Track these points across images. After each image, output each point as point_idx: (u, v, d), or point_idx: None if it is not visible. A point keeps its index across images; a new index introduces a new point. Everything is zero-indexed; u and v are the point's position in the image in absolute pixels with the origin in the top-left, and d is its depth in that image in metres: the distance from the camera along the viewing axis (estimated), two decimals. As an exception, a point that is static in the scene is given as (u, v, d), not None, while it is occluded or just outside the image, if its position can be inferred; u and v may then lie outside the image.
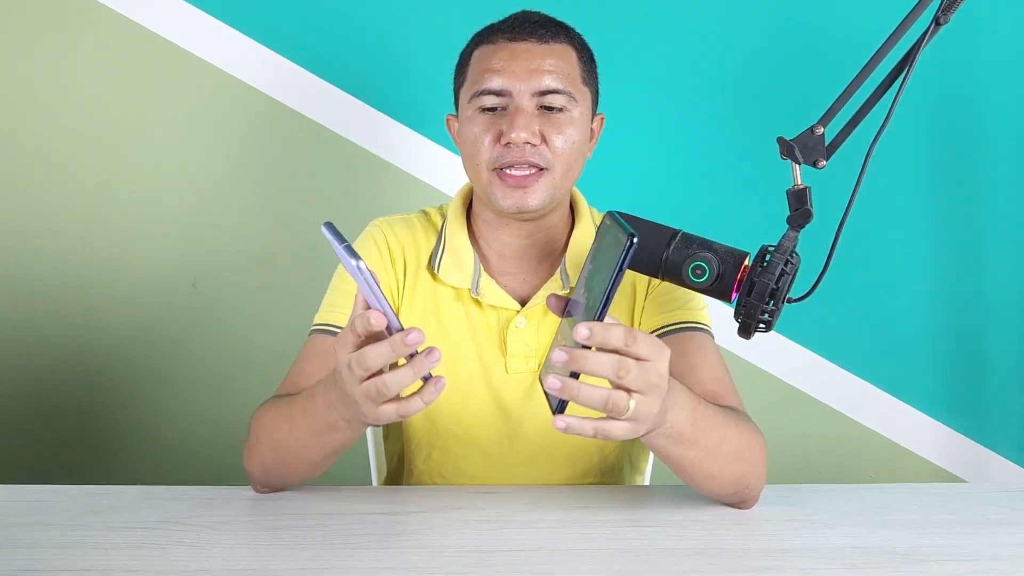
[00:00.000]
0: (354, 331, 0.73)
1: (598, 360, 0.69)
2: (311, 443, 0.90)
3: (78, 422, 1.72)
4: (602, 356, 0.69)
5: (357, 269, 0.69)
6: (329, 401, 0.84)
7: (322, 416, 0.86)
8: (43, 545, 0.83)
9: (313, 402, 0.87)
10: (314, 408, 0.87)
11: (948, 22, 0.86)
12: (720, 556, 0.81)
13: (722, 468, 0.88)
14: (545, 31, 1.03)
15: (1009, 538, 0.87)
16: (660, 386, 0.72)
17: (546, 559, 0.80)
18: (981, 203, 1.76)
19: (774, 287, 0.84)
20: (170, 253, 1.70)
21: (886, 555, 0.82)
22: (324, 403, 0.85)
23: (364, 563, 0.79)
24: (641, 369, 0.70)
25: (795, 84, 1.71)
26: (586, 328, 0.68)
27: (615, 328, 0.69)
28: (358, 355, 0.73)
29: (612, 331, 0.68)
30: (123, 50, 1.67)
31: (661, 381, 0.72)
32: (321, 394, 0.85)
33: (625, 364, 0.69)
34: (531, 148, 1.00)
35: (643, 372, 0.70)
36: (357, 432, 0.88)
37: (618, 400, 0.71)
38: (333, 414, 0.84)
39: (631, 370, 0.70)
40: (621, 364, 0.69)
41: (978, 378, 1.78)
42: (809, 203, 0.86)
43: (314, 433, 0.89)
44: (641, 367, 0.70)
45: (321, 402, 0.85)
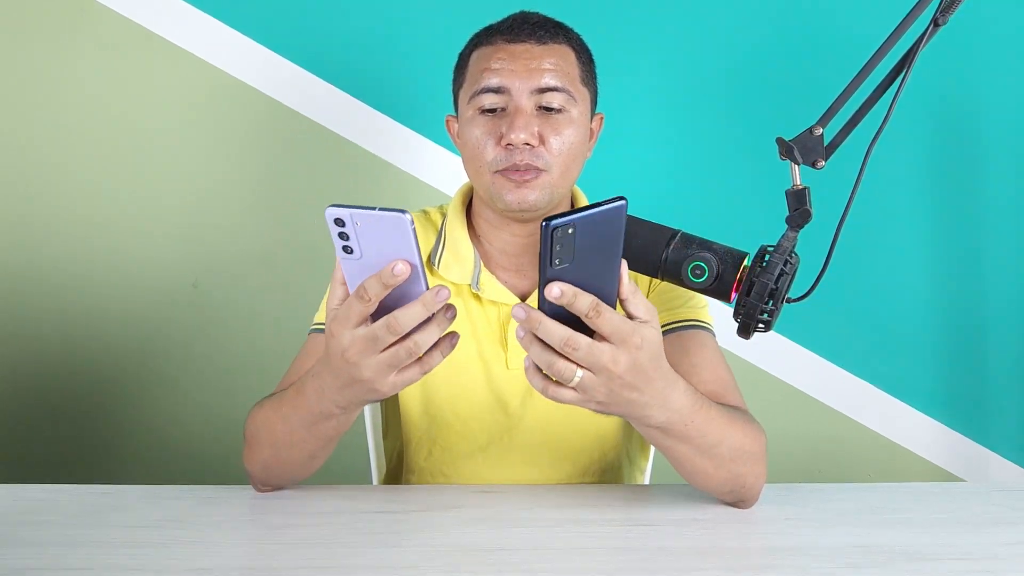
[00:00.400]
0: (364, 297, 0.71)
1: (550, 327, 0.70)
2: (306, 435, 0.90)
3: (79, 421, 1.72)
4: (554, 324, 0.70)
5: (408, 220, 0.68)
6: (320, 389, 0.83)
7: (314, 406, 0.85)
8: (45, 544, 0.83)
9: (303, 395, 0.87)
10: (304, 400, 0.86)
11: (947, 23, 0.86)
12: (720, 555, 0.82)
13: (717, 466, 0.88)
14: (544, 32, 1.04)
15: (1008, 537, 0.88)
16: (610, 371, 0.72)
17: (546, 557, 0.80)
18: (980, 203, 1.76)
19: (773, 287, 0.84)
20: (171, 253, 1.71)
21: (885, 554, 0.82)
22: (315, 392, 0.84)
23: (365, 561, 0.79)
24: (592, 348, 0.71)
25: (794, 85, 1.71)
26: (558, 288, 0.68)
27: (584, 296, 0.69)
28: (390, 319, 0.72)
29: (581, 297, 0.69)
30: (123, 50, 1.68)
31: (614, 367, 0.72)
32: (311, 384, 0.85)
33: (575, 340, 0.70)
34: (529, 150, 1.00)
35: (593, 352, 0.71)
36: (351, 416, 0.87)
37: (561, 369, 0.71)
38: (325, 402, 0.83)
39: (580, 347, 0.70)
40: (571, 339, 0.70)
41: (977, 378, 1.78)
42: (808, 203, 0.86)
43: (307, 424, 0.88)
44: (594, 347, 0.71)
45: (311, 392, 0.85)
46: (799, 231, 0.87)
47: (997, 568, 0.80)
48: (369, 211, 0.69)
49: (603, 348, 0.71)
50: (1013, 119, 1.75)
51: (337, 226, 0.69)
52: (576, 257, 0.68)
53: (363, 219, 0.69)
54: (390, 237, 0.70)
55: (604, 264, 0.70)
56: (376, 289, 0.71)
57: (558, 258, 0.68)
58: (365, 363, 0.75)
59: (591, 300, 0.69)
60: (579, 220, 0.66)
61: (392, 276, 0.70)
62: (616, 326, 0.71)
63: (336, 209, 0.69)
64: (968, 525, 0.91)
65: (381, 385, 0.77)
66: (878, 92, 0.89)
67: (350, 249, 0.71)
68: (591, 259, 0.69)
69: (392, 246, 0.70)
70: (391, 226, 0.69)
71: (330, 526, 0.88)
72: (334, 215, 0.69)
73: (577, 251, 0.68)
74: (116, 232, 1.70)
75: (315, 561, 0.79)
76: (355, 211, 0.69)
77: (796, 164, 0.88)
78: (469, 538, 0.85)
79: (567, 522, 0.90)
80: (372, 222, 0.69)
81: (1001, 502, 0.99)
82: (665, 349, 1.03)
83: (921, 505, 0.97)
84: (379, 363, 0.75)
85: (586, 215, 0.66)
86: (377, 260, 0.71)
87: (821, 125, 0.87)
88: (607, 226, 0.68)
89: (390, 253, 0.70)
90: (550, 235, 0.66)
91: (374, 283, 0.71)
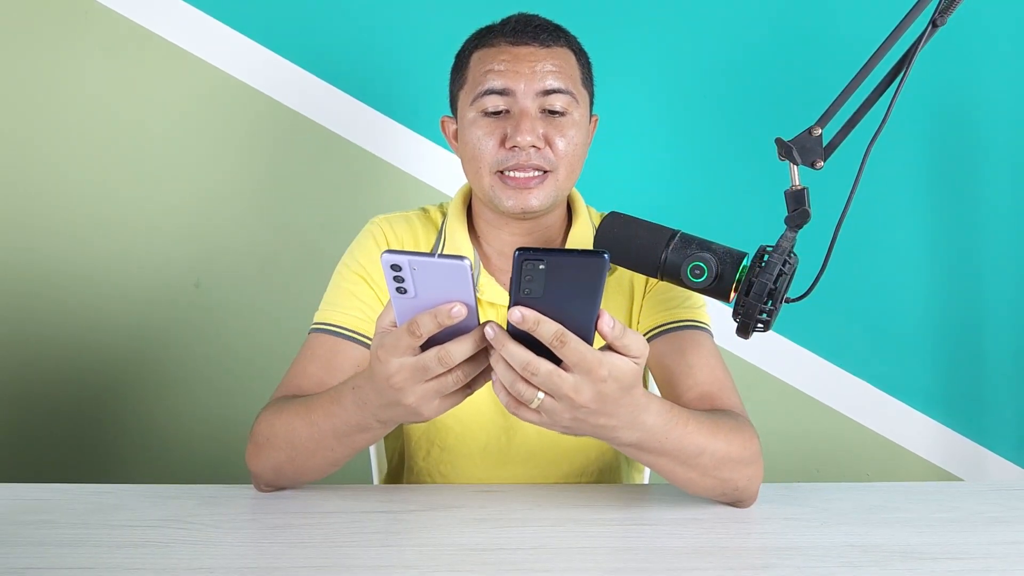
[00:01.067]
0: (416, 333, 0.72)
1: (512, 350, 0.70)
2: (335, 444, 0.89)
3: (81, 421, 1.72)
4: (516, 347, 0.70)
5: (467, 267, 0.68)
6: (362, 403, 0.83)
7: (352, 418, 0.85)
8: (48, 543, 0.83)
9: (340, 404, 0.86)
10: (341, 410, 0.86)
11: (945, 24, 0.86)
12: (718, 554, 0.82)
13: (702, 475, 0.88)
14: (546, 35, 1.04)
15: (1005, 536, 0.88)
16: (573, 399, 0.72)
17: (545, 557, 0.80)
18: (978, 204, 1.77)
19: (772, 287, 0.84)
20: (172, 253, 1.71)
21: (883, 553, 0.82)
22: (355, 405, 0.84)
23: (365, 561, 0.79)
24: (552, 376, 0.71)
25: (793, 86, 1.71)
26: (519, 312, 0.69)
27: (547, 324, 0.69)
28: (441, 352, 0.72)
29: (544, 325, 0.69)
30: (125, 51, 1.68)
31: (576, 396, 0.72)
32: (350, 396, 0.84)
33: (534, 365, 0.70)
34: (535, 152, 1.01)
35: (552, 378, 0.71)
36: (387, 431, 0.88)
37: (521, 389, 0.72)
38: (367, 416, 0.83)
39: (539, 372, 0.70)
40: (530, 363, 0.70)
41: (975, 377, 1.79)
42: (807, 204, 0.86)
43: (339, 435, 0.88)
44: (554, 374, 0.71)
45: (350, 404, 0.84)
46: (798, 231, 0.87)
47: (994, 567, 0.80)
48: (428, 259, 0.68)
49: (564, 377, 0.71)
50: (1011, 120, 1.75)
51: (393, 271, 0.69)
52: (546, 292, 0.68)
53: (420, 266, 0.69)
54: (447, 281, 0.70)
55: (579, 305, 0.69)
56: (429, 327, 0.71)
57: (527, 288, 0.68)
58: (411, 390, 0.76)
59: (555, 329, 0.69)
60: (551, 259, 0.66)
61: (449, 317, 0.70)
62: (581, 356, 0.70)
63: (392, 256, 0.68)
64: (966, 524, 0.91)
65: (425, 410, 0.77)
66: (877, 93, 0.89)
67: (404, 290, 0.71)
68: (562, 297, 0.69)
69: (448, 288, 0.70)
70: (450, 272, 0.69)
71: (330, 526, 0.88)
72: (390, 261, 0.69)
73: (548, 286, 0.68)
74: (118, 232, 1.70)
75: (315, 560, 0.79)
76: (413, 258, 0.68)
77: (795, 165, 0.88)
78: (469, 538, 0.85)
79: (567, 522, 0.90)
80: (430, 269, 0.69)
81: (999, 501, 0.99)
82: (662, 349, 1.05)
83: (919, 504, 0.98)
84: (425, 391, 0.76)
85: (559, 257, 0.66)
86: (431, 299, 0.71)
87: (820, 126, 0.87)
88: (583, 272, 0.67)
89: (445, 295, 0.71)
90: (520, 266, 0.67)
91: (428, 321, 0.71)
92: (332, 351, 1.04)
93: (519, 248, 0.66)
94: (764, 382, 1.76)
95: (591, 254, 0.67)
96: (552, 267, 0.67)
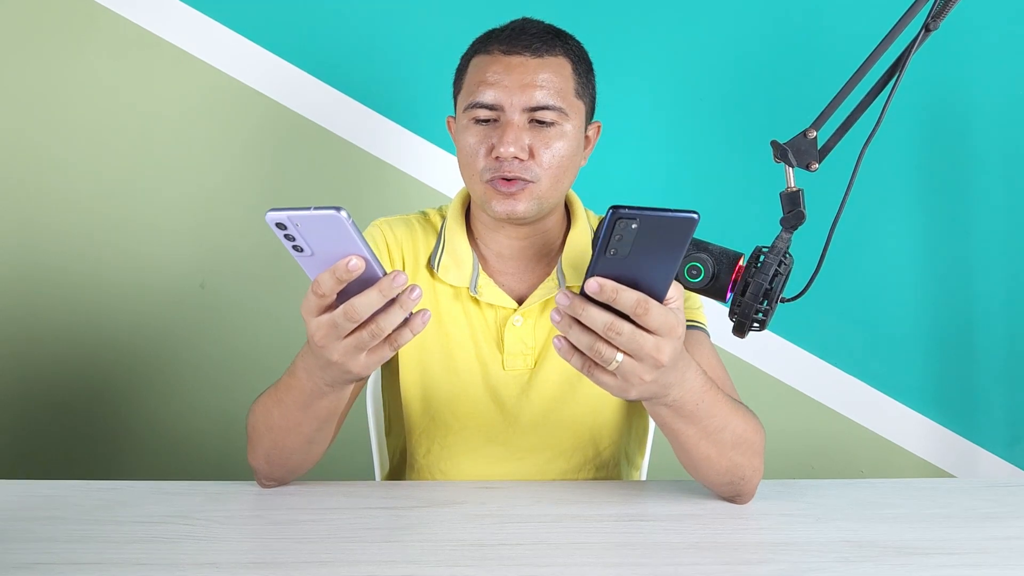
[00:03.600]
0: (318, 293, 0.72)
1: (592, 313, 0.70)
2: (302, 417, 0.90)
3: (89, 419, 1.73)
4: (597, 311, 0.70)
5: (344, 218, 0.67)
6: (308, 369, 0.84)
7: (305, 385, 0.86)
8: (56, 539, 0.83)
9: (294, 376, 0.87)
10: (296, 381, 0.87)
11: (938, 28, 0.86)
12: (716, 549, 0.82)
13: (720, 453, 0.89)
14: (541, 44, 1.03)
15: (997, 532, 0.88)
16: (656, 358, 0.72)
17: (545, 552, 0.81)
18: (970, 205, 1.77)
19: (768, 287, 0.84)
20: (178, 254, 1.71)
21: (877, 548, 0.83)
22: (304, 372, 0.85)
23: (368, 556, 0.79)
24: (635, 336, 0.71)
25: (788, 89, 1.71)
26: (597, 283, 0.68)
27: (627, 292, 0.69)
28: (347, 307, 0.72)
29: (624, 294, 0.69)
30: (130, 54, 1.68)
31: (659, 355, 0.72)
32: (300, 364, 0.86)
33: (617, 325, 0.70)
34: (519, 163, 1.01)
35: (636, 339, 0.71)
36: (343, 394, 0.87)
37: (602, 350, 0.72)
38: (316, 380, 0.84)
39: (623, 332, 0.70)
40: (613, 324, 0.70)
41: (967, 376, 1.79)
42: (802, 205, 0.87)
43: (302, 405, 0.89)
44: (637, 334, 0.71)
45: (301, 372, 0.86)
46: (793, 232, 0.87)
47: (986, 562, 0.80)
48: (304, 212, 0.67)
49: (647, 337, 0.71)
50: (1002, 122, 1.75)
51: (280, 229, 0.69)
52: (632, 251, 0.67)
53: (301, 220, 0.68)
54: (333, 234, 0.69)
55: (660, 264, 0.69)
56: (329, 283, 0.71)
57: (614, 247, 0.67)
58: (332, 347, 0.76)
59: (636, 297, 0.69)
60: (644, 217, 0.65)
61: (347, 271, 0.70)
62: (663, 319, 0.71)
63: (275, 213, 0.68)
64: (958, 520, 0.91)
65: (353, 366, 0.77)
66: (871, 96, 0.89)
67: (300, 248, 0.70)
68: (647, 258, 0.68)
69: (338, 242, 0.69)
70: (329, 224, 0.68)
71: (333, 521, 0.88)
72: (274, 220, 0.68)
73: (635, 246, 0.67)
74: (124, 233, 1.70)
75: (318, 556, 0.79)
76: (292, 213, 0.68)
77: (790, 167, 0.88)
78: (469, 533, 0.85)
79: (566, 518, 0.90)
80: (310, 222, 0.68)
81: (990, 497, 0.99)
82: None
83: (912, 500, 0.98)
84: (345, 347, 0.75)
85: (653, 215, 0.65)
86: (328, 255, 0.71)
87: (815, 128, 0.87)
88: (672, 231, 0.66)
89: (339, 249, 0.70)
90: (612, 224, 0.65)
91: (327, 278, 0.71)
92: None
93: (612, 206, 0.65)
94: (760, 380, 1.76)
95: (683, 213, 0.66)
96: (645, 225, 0.66)
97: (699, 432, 0.86)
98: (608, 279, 0.69)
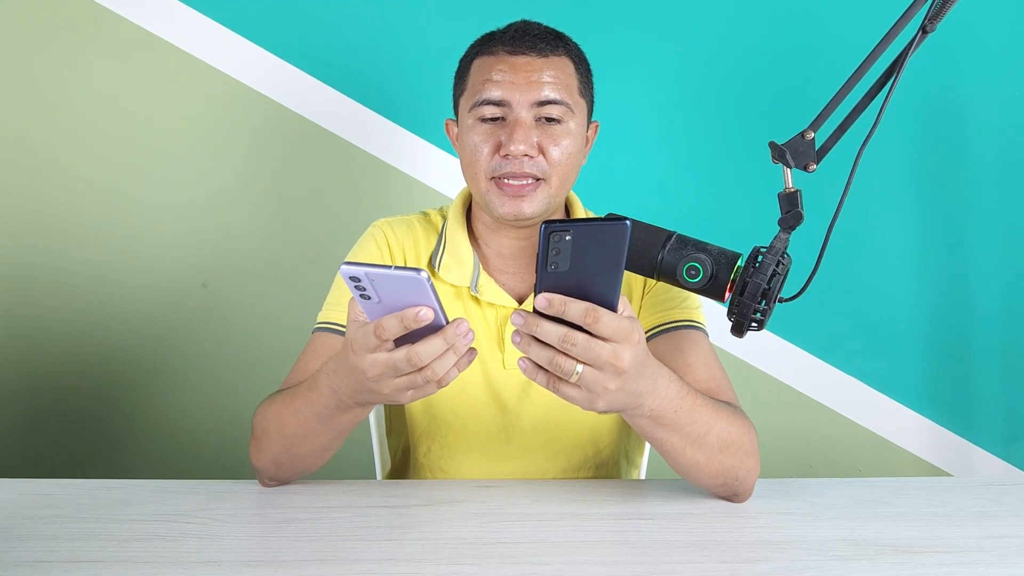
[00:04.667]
0: (382, 336, 0.73)
1: (546, 328, 0.71)
2: (320, 428, 0.91)
3: (91, 418, 1.73)
4: (551, 324, 0.71)
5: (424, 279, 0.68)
6: (336, 388, 0.84)
7: (328, 401, 0.87)
8: (59, 537, 0.83)
9: (316, 391, 0.88)
10: (318, 396, 0.88)
11: (935, 30, 0.86)
12: (714, 548, 0.82)
13: (708, 457, 0.88)
14: (545, 44, 1.03)
15: (993, 530, 0.88)
16: (615, 365, 0.72)
17: (545, 551, 0.80)
18: (966, 205, 1.76)
19: (766, 287, 0.84)
20: (180, 254, 1.71)
21: (875, 547, 0.82)
22: (329, 390, 0.86)
23: (368, 554, 0.79)
24: (591, 345, 0.71)
25: (786, 91, 1.71)
26: (545, 299, 0.70)
27: (575, 303, 0.70)
28: (411, 353, 0.73)
29: (572, 306, 0.70)
30: (134, 56, 1.68)
31: (618, 362, 0.72)
32: (324, 382, 0.86)
33: (572, 336, 0.71)
34: (528, 160, 1.01)
35: (592, 347, 0.71)
36: (368, 410, 0.89)
37: (560, 363, 0.72)
38: (342, 398, 0.85)
39: (577, 343, 0.71)
40: (567, 336, 0.71)
41: (963, 375, 1.79)
42: (800, 206, 0.86)
43: (322, 418, 0.89)
44: (592, 343, 0.71)
45: (326, 389, 0.86)
46: (791, 233, 0.87)
47: (982, 560, 0.80)
48: (384, 271, 0.68)
49: (603, 345, 0.71)
50: (998, 123, 1.75)
51: (353, 282, 0.70)
52: (572, 263, 0.68)
53: (378, 278, 0.69)
54: (407, 291, 0.70)
55: (604, 273, 0.69)
56: (395, 329, 0.72)
57: (554, 261, 0.68)
58: (385, 383, 0.77)
59: (584, 307, 0.70)
60: (576, 229, 0.67)
61: (415, 321, 0.71)
62: (615, 327, 0.71)
63: (350, 268, 0.68)
64: (955, 518, 0.91)
65: (400, 398, 0.79)
66: (868, 97, 0.89)
67: (367, 296, 0.71)
68: (588, 268, 0.69)
69: (410, 297, 0.70)
70: (407, 284, 0.69)
71: (334, 520, 0.88)
72: (348, 273, 0.69)
73: (574, 257, 0.68)
74: (127, 233, 1.70)
75: (319, 554, 0.79)
76: (370, 270, 0.68)
77: (788, 167, 0.88)
78: (469, 532, 0.85)
79: (566, 516, 0.90)
80: (388, 281, 0.69)
81: (987, 496, 0.99)
82: (660, 348, 1.05)
83: (909, 499, 0.98)
84: (397, 385, 0.77)
85: (583, 225, 0.67)
86: (396, 305, 0.71)
87: (812, 130, 0.87)
88: (606, 241, 0.67)
89: (408, 301, 0.71)
90: (547, 239, 0.67)
91: (394, 324, 0.72)
92: (334, 349, 1.04)
93: (545, 221, 0.67)
94: (758, 379, 1.76)
95: (613, 221, 0.66)
96: (578, 237, 0.67)
97: (683, 439, 0.86)
98: (556, 293, 0.70)
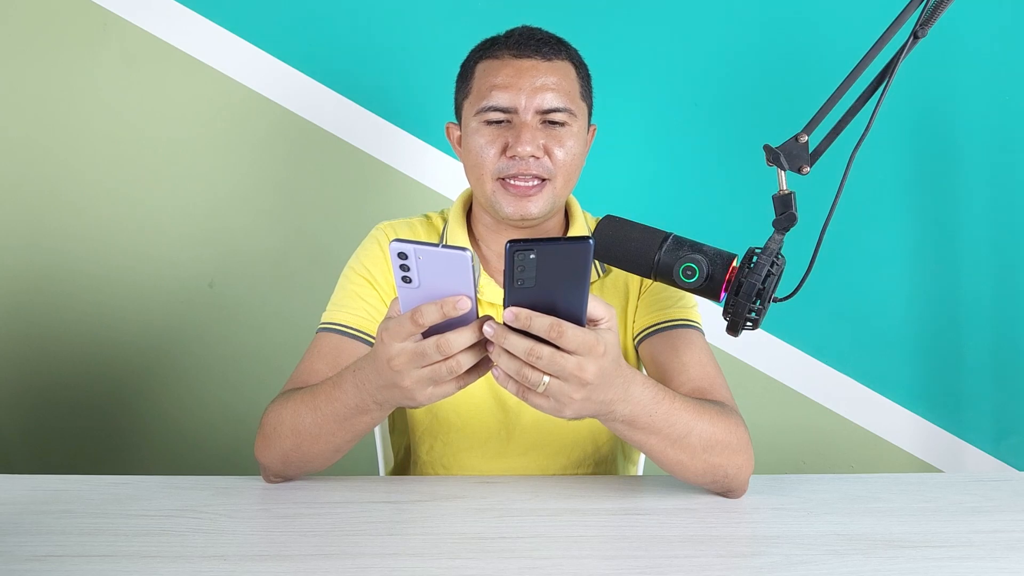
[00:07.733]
0: (420, 322, 0.72)
1: (513, 340, 0.71)
2: (336, 428, 0.89)
3: (100, 415, 1.72)
4: (517, 338, 0.71)
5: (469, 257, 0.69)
6: (360, 384, 0.83)
7: (350, 399, 0.85)
8: (67, 532, 0.83)
9: (340, 388, 0.87)
10: (341, 393, 0.86)
11: (926, 36, 0.86)
12: (710, 542, 0.82)
13: (691, 456, 0.88)
14: (549, 48, 1.03)
15: (983, 525, 0.88)
16: (580, 377, 0.72)
17: (544, 546, 0.80)
18: (957, 207, 1.76)
19: (760, 287, 0.84)
20: (187, 254, 1.71)
21: (867, 542, 0.82)
22: (354, 387, 0.84)
23: (371, 549, 0.79)
24: (555, 358, 0.71)
25: (780, 94, 1.71)
26: (512, 313, 0.70)
27: (540, 318, 0.70)
28: (441, 341, 0.73)
29: (537, 320, 0.70)
30: (142, 62, 1.68)
31: (582, 374, 0.72)
32: (350, 378, 0.85)
33: (537, 350, 0.71)
34: (535, 161, 1.01)
35: (556, 360, 0.71)
36: (386, 413, 0.88)
37: (527, 374, 0.72)
38: (364, 396, 0.84)
39: (543, 356, 0.71)
40: (533, 349, 0.71)
41: (954, 373, 1.78)
42: (794, 207, 0.86)
43: (340, 419, 0.88)
44: (556, 355, 0.71)
45: (350, 386, 0.85)
46: (785, 234, 0.87)
47: (973, 555, 0.80)
48: (432, 248, 0.69)
49: (567, 358, 0.72)
50: (987, 126, 1.75)
51: (400, 259, 0.70)
52: (538, 280, 0.69)
53: (426, 255, 0.69)
54: (450, 272, 0.70)
55: (570, 289, 0.70)
56: (433, 317, 0.72)
57: (520, 278, 0.69)
58: (408, 373, 0.76)
59: (549, 322, 0.70)
60: (540, 248, 0.67)
61: (455, 309, 0.71)
62: (579, 340, 0.71)
63: (399, 244, 0.69)
64: (945, 514, 0.91)
65: (418, 395, 0.78)
66: (861, 101, 0.88)
67: (408, 279, 0.71)
68: (554, 284, 0.69)
69: (450, 279, 0.71)
70: (452, 262, 0.70)
71: (337, 515, 0.88)
72: (397, 249, 0.69)
73: (539, 275, 0.68)
74: (135, 235, 1.70)
75: (323, 549, 0.79)
76: (419, 247, 0.69)
77: (782, 170, 0.87)
78: (470, 527, 0.85)
79: (565, 512, 0.90)
80: (434, 258, 0.70)
81: (977, 492, 0.99)
82: (656, 347, 1.05)
83: (901, 495, 0.97)
84: (420, 375, 0.76)
85: (548, 245, 0.67)
86: (434, 290, 0.72)
87: (806, 133, 0.87)
88: (571, 257, 0.68)
89: (447, 286, 0.71)
90: (512, 257, 0.67)
91: (433, 311, 0.72)
92: (338, 349, 1.03)
93: (510, 240, 0.67)
94: (752, 377, 1.76)
95: (577, 240, 0.67)
96: (542, 255, 0.67)
97: (661, 440, 0.85)
98: (524, 307, 0.70)
